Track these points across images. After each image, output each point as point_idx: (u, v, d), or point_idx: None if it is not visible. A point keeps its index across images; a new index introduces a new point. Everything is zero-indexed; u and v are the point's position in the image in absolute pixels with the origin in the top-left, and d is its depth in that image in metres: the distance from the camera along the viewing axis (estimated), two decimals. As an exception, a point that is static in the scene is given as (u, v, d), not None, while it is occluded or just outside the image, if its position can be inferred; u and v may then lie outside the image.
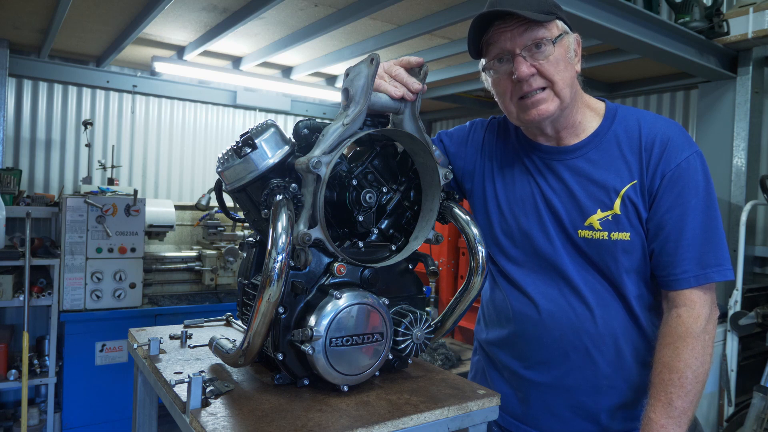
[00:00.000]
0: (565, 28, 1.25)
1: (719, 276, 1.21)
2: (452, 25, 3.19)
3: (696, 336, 1.19)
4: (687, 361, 1.18)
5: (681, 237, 1.22)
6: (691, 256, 1.21)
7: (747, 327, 3.10)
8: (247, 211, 1.24)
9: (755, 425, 2.81)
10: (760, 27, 3.19)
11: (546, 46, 1.20)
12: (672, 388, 1.17)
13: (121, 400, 3.71)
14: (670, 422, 1.16)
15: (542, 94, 1.23)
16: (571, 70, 1.25)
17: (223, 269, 4.25)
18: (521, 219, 1.36)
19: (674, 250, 1.22)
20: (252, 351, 1.04)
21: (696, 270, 1.21)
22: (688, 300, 1.22)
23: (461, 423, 1.08)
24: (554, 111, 1.25)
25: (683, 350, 1.19)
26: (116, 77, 4.74)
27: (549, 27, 1.21)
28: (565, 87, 1.24)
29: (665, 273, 1.24)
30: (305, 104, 5.76)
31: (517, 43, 1.21)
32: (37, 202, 3.93)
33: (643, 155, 1.25)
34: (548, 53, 1.21)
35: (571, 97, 1.26)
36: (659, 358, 1.22)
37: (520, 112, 1.28)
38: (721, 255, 1.22)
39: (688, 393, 1.17)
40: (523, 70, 1.20)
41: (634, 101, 4.64)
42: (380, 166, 1.25)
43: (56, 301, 3.55)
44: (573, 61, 1.26)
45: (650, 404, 1.20)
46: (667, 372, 1.19)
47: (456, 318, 1.31)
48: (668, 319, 1.24)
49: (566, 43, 1.24)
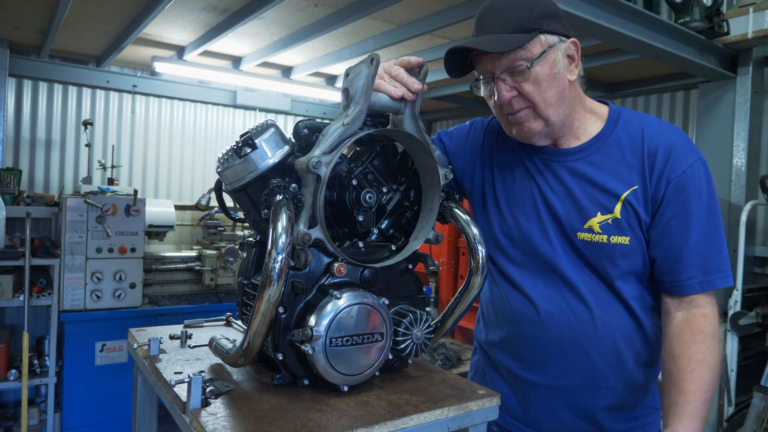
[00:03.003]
0: (550, 41, 1.21)
1: (722, 282, 1.23)
2: (452, 25, 3.19)
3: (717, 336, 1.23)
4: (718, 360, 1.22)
5: (685, 244, 1.22)
6: (694, 263, 1.22)
7: (747, 327, 3.10)
8: (247, 211, 1.24)
9: (755, 425, 2.81)
10: (760, 27, 3.19)
11: (524, 69, 1.19)
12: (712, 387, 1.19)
13: (121, 400, 3.71)
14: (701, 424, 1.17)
15: (524, 113, 1.24)
16: (558, 85, 1.22)
17: (223, 269, 4.25)
18: (521, 219, 1.35)
19: (678, 257, 1.22)
20: (252, 351, 1.04)
21: (700, 277, 1.22)
22: (706, 301, 1.24)
23: (461, 423, 1.08)
24: (540, 129, 1.25)
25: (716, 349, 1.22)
26: (116, 77, 4.74)
27: (529, 47, 1.19)
28: (548, 107, 1.22)
29: (669, 279, 1.25)
30: (305, 104, 5.76)
31: (497, 66, 1.21)
32: (37, 202, 3.94)
33: (646, 160, 1.25)
34: (527, 76, 1.19)
35: (559, 114, 1.25)
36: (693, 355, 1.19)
37: (510, 127, 1.30)
38: (723, 261, 1.24)
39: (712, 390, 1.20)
40: (503, 95, 1.21)
41: (634, 101, 4.64)
42: (380, 166, 1.25)
43: (56, 301, 3.55)
44: (562, 74, 1.23)
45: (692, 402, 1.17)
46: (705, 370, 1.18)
47: (456, 318, 1.31)
48: (690, 318, 1.23)
49: (551, 59, 1.21)
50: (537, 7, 1.20)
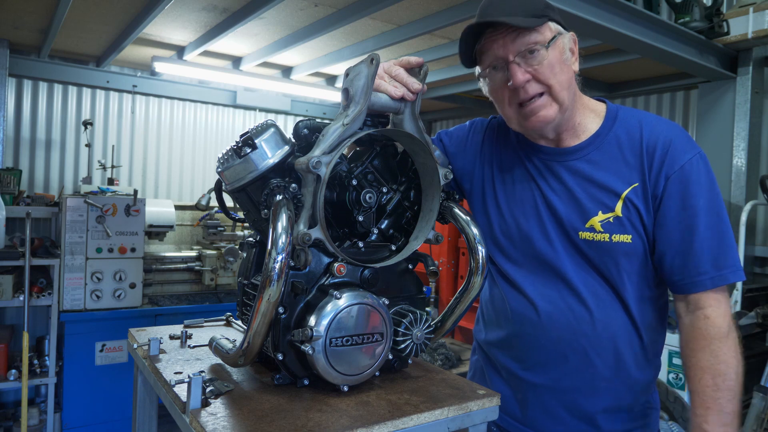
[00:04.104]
0: (558, 29, 1.23)
1: (734, 277, 1.21)
2: (452, 25, 3.19)
3: (727, 335, 1.18)
4: (728, 362, 1.17)
5: (693, 240, 1.20)
6: (705, 259, 1.20)
7: (747, 327, 3.10)
8: (247, 211, 1.24)
9: (755, 425, 2.81)
10: (760, 27, 3.19)
11: (539, 51, 1.19)
12: (719, 393, 1.15)
13: (121, 400, 3.71)
14: (726, 430, 1.14)
15: (540, 100, 1.22)
16: (567, 71, 1.24)
17: (223, 269, 4.25)
18: (521, 220, 1.35)
19: (688, 254, 1.21)
20: (252, 351, 1.04)
21: (712, 272, 1.20)
22: (713, 300, 1.21)
23: (461, 423, 1.07)
24: (555, 116, 1.24)
25: (721, 351, 1.17)
26: (116, 77, 4.74)
27: (541, 31, 1.20)
28: (563, 90, 1.22)
29: (680, 277, 1.23)
30: (305, 104, 5.76)
31: (510, 50, 1.20)
32: (37, 202, 3.94)
33: (645, 158, 1.24)
34: (542, 58, 1.19)
35: (570, 99, 1.25)
36: (697, 363, 1.19)
37: (520, 119, 1.27)
38: (733, 255, 1.22)
39: (736, 394, 1.15)
40: (518, 78, 1.19)
41: (634, 101, 4.64)
42: (380, 166, 1.25)
43: (56, 301, 3.56)
44: (569, 62, 1.25)
45: (700, 415, 1.16)
46: (711, 377, 1.16)
47: (456, 318, 1.31)
48: (695, 321, 1.22)
49: (560, 45, 1.23)
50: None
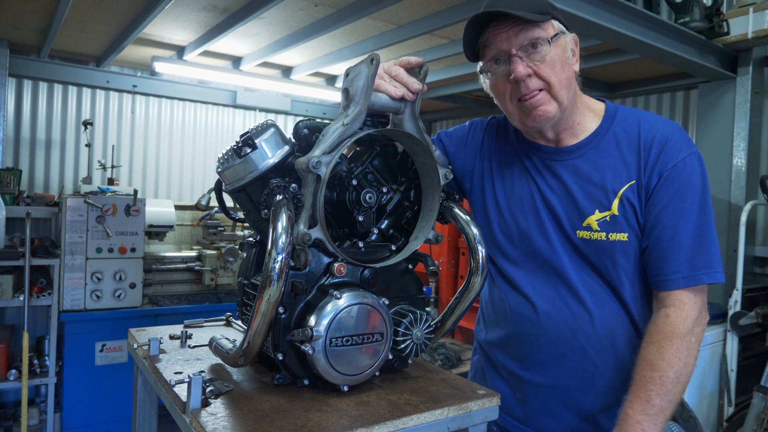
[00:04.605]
0: (561, 28, 1.24)
1: (708, 278, 1.20)
2: (452, 25, 3.19)
3: (682, 336, 1.18)
4: (670, 361, 1.17)
5: (673, 237, 1.21)
6: (681, 257, 1.20)
7: (747, 327, 3.11)
8: (247, 211, 1.24)
9: (755, 425, 2.81)
10: (760, 27, 3.19)
11: (542, 45, 1.20)
12: (652, 385, 1.16)
13: (121, 400, 3.71)
14: (646, 419, 1.15)
15: (540, 95, 1.23)
16: (568, 70, 1.24)
17: (223, 269, 4.25)
18: (520, 219, 1.35)
19: (666, 250, 1.22)
20: (252, 351, 1.04)
21: (686, 271, 1.20)
22: (678, 300, 1.21)
23: (461, 423, 1.08)
24: (554, 113, 1.24)
25: (667, 350, 1.18)
26: (116, 77, 4.74)
27: (545, 27, 1.21)
28: (562, 88, 1.23)
29: (655, 272, 1.24)
30: (305, 104, 5.76)
31: (513, 44, 1.21)
32: (37, 202, 3.94)
33: (642, 155, 1.25)
34: (544, 53, 1.20)
35: (569, 99, 1.26)
36: (643, 356, 1.21)
37: (521, 115, 1.27)
38: (712, 257, 1.22)
39: (668, 392, 1.16)
40: (519, 70, 1.20)
41: (634, 101, 4.64)
42: (380, 166, 1.25)
43: (56, 301, 3.55)
44: (570, 61, 1.25)
45: (628, 400, 1.19)
46: (649, 370, 1.18)
47: (456, 318, 1.31)
48: (656, 318, 1.24)
49: (563, 43, 1.24)
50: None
